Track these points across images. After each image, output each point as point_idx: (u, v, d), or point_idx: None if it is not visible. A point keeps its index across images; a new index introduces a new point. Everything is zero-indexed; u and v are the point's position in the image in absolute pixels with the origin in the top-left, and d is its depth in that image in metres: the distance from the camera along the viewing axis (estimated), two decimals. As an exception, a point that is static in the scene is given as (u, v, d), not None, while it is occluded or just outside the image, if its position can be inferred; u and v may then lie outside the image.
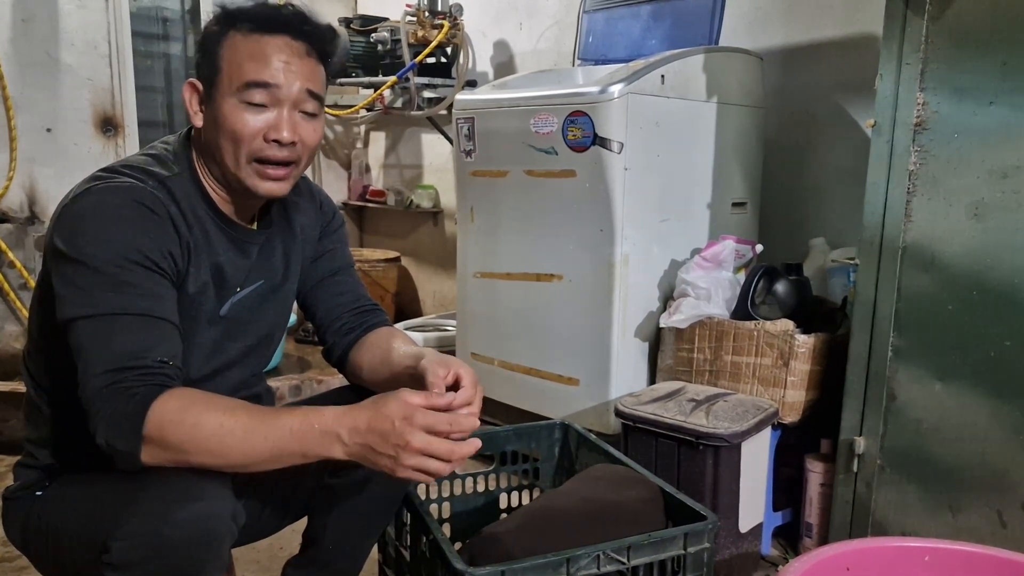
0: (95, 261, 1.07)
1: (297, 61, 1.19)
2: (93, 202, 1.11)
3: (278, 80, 1.17)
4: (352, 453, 1.07)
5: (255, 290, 1.32)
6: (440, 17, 3.40)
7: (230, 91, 1.17)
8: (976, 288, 1.63)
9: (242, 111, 1.17)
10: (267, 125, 1.18)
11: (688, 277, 2.15)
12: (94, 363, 1.05)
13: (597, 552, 1.25)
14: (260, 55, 1.17)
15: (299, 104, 1.20)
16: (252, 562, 1.97)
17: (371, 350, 1.40)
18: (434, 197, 3.97)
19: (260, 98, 1.17)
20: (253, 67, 1.16)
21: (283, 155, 1.20)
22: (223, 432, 1.04)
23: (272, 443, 1.05)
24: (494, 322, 2.54)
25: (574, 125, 2.18)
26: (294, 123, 1.20)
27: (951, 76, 1.63)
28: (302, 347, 3.52)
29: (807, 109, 2.56)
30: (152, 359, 1.06)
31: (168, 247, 1.14)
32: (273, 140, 1.18)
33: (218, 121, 1.18)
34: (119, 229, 1.09)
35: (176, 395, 1.06)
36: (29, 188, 3.34)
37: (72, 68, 3.42)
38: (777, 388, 1.98)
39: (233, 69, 1.17)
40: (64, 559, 1.16)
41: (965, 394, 1.66)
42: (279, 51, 1.18)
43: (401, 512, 1.51)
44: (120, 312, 1.07)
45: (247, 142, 1.18)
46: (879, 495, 1.79)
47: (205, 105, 1.21)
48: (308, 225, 1.41)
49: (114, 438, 1.02)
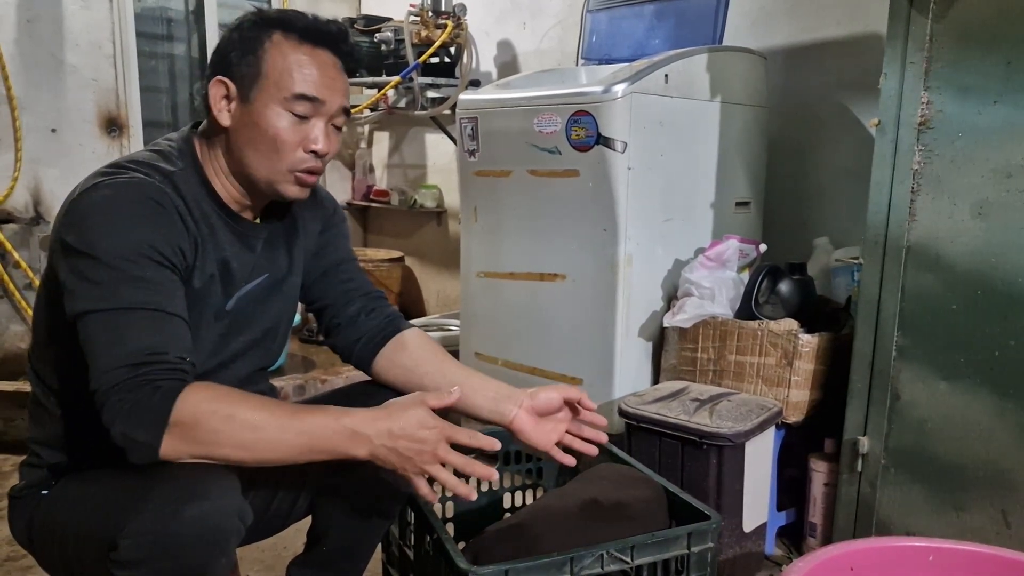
0: (107, 256, 1.07)
1: (338, 77, 1.23)
2: (102, 197, 1.10)
3: (324, 96, 1.20)
4: (376, 454, 1.11)
5: (260, 284, 1.32)
6: (444, 17, 3.40)
7: (276, 98, 1.18)
8: (980, 287, 1.62)
9: (286, 120, 1.19)
10: (305, 137, 1.21)
11: (692, 277, 2.15)
12: (110, 357, 1.04)
13: (601, 552, 1.25)
14: (311, 68, 1.19)
15: (334, 118, 1.24)
16: (256, 561, 1.97)
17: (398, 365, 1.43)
18: (438, 197, 3.98)
19: (304, 110, 1.19)
20: (303, 79, 1.19)
21: (318, 166, 1.24)
22: (258, 426, 1.06)
23: (303, 440, 1.08)
24: (498, 322, 2.54)
25: (578, 125, 2.18)
26: (328, 136, 1.23)
27: (955, 75, 1.62)
28: (306, 347, 3.52)
29: (811, 108, 2.56)
30: (171, 355, 1.07)
31: (178, 242, 1.14)
32: (311, 151, 1.21)
33: (257, 124, 1.19)
34: (130, 224, 1.09)
35: (204, 387, 1.07)
36: (34, 188, 3.35)
37: (77, 68, 3.43)
38: (781, 388, 1.98)
39: (282, 76, 1.18)
40: (70, 557, 1.16)
41: (969, 393, 1.65)
42: (327, 66, 1.21)
43: (405, 511, 1.51)
44: (135, 307, 1.07)
45: (288, 152, 1.20)
46: (883, 495, 1.79)
47: (238, 104, 1.20)
48: (309, 218, 1.42)
49: (134, 429, 1.02)
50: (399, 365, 1.42)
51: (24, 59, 3.29)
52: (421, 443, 1.10)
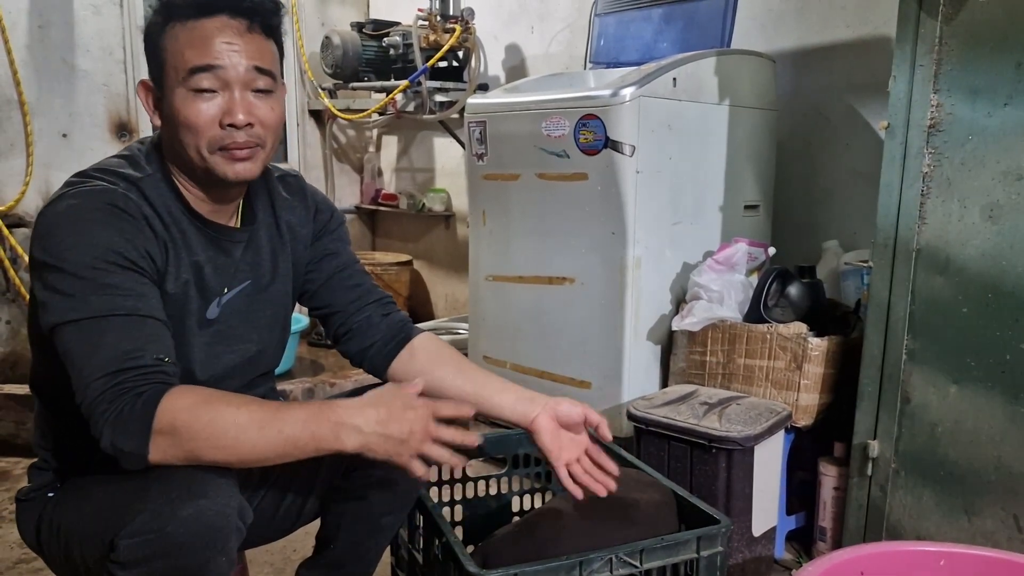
0: (73, 266, 1.07)
1: (239, 39, 1.15)
2: (65, 207, 1.10)
3: (222, 61, 1.13)
4: (366, 444, 1.09)
5: (243, 291, 1.29)
6: (452, 21, 3.41)
7: (177, 82, 1.14)
8: (991, 290, 1.61)
9: (192, 100, 1.14)
10: (220, 110, 1.14)
11: (700, 280, 2.15)
12: (89, 368, 1.04)
13: (610, 555, 1.25)
14: (200, 40, 1.13)
15: (250, 83, 1.16)
16: (265, 564, 1.97)
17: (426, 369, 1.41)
18: (446, 200, 3.98)
19: (208, 83, 1.13)
20: (194, 53, 1.13)
21: (243, 139, 1.16)
22: (238, 427, 1.04)
23: (286, 437, 1.06)
24: (506, 325, 2.55)
25: (586, 128, 2.18)
26: (248, 104, 1.16)
27: (965, 77, 1.62)
28: (315, 350, 3.53)
29: (820, 111, 2.55)
30: (148, 358, 1.06)
31: (145, 246, 1.13)
32: (229, 125, 1.15)
33: (172, 115, 1.16)
34: (93, 232, 1.09)
35: (186, 391, 1.06)
36: (45, 193, 3.37)
37: (88, 74, 3.45)
38: (790, 391, 1.97)
39: (176, 59, 1.14)
40: (75, 559, 1.16)
41: (980, 397, 1.64)
42: (219, 32, 1.14)
43: (414, 515, 1.51)
44: (106, 314, 1.06)
45: (204, 131, 1.14)
46: (893, 499, 1.78)
47: (160, 103, 1.18)
48: (297, 223, 1.38)
49: (121, 439, 1.02)
50: (415, 372, 1.40)
51: (36, 64, 3.32)
52: (411, 423, 1.09)
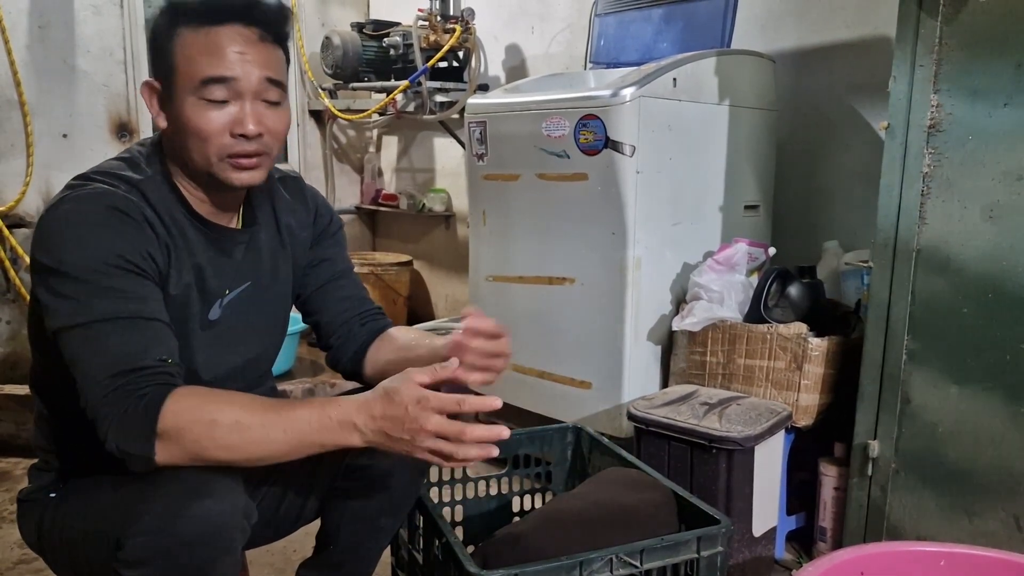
0: (75, 270, 1.07)
1: (252, 49, 1.15)
2: (65, 211, 1.10)
3: (235, 72, 1.13)
4: (370, 440, 1.08)
5: (244, 292, 1.30)
6: (452, 21, 3.41)
7: (188, 90, 1.14)
8: (992, 291, 1.62)
9: (203, 109, 1.14)
10: (231, 120, 1.15)
11: (701, 280, 2.15)
12: (93, 371, 1.05)
13: (610, 555, 1.25)
14: (212, 48, 1.13)
15: (260, 94, 1.16)
16: (266, 564, 1.98)
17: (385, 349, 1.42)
18: (446, 201, 3.98)
19: (220, 94, 1.13)
20: (207, 62, 1.12)
21: (252, 148, 1.17)
22: (241, 427, 1.04)
23: (290, 436, 1.06)
24: (506, 325, 2.54)
25: (586, 128, 2.18)
26: (258, 115, 1.16)
27: (965, 78, 1.62)
28: (315, 350, 3.52)
29: (820, 111, 2.55)
30: (152, 359, 1.06)
31: (147, 248, 1.13)
32: (239, 135, 1.15)
33: (181, 121, 1.15)
34: (94, 235, 1.09)
35: (188, 392, 1.06)
36: (46, 193, 3.37)
37: (88, 74, 3.45)
38: (790, 391, 1.97)
39: (187, 66, 1.13)
40: (79, 559, 1.16)
41: (981, 397, 1.64)
42: (232, 41, 1.13)
43: (414, 515, 1.51)
44: (109, 317, 1.06)
45: (214, 140, 1.15)
46: (894, 499, 1.78)
47: (166, 105, 1.18)
48: (296, 226, 1.39)
49: (126, 442, 1.03)
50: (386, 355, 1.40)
51: (36, 65, 3.31)
52: (409, 421, 1.05)
